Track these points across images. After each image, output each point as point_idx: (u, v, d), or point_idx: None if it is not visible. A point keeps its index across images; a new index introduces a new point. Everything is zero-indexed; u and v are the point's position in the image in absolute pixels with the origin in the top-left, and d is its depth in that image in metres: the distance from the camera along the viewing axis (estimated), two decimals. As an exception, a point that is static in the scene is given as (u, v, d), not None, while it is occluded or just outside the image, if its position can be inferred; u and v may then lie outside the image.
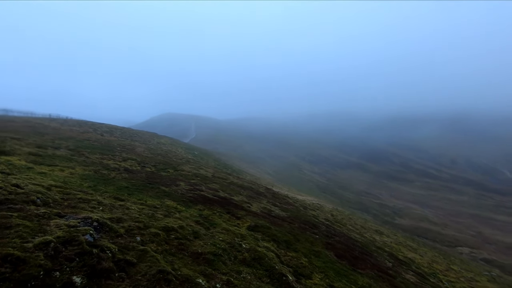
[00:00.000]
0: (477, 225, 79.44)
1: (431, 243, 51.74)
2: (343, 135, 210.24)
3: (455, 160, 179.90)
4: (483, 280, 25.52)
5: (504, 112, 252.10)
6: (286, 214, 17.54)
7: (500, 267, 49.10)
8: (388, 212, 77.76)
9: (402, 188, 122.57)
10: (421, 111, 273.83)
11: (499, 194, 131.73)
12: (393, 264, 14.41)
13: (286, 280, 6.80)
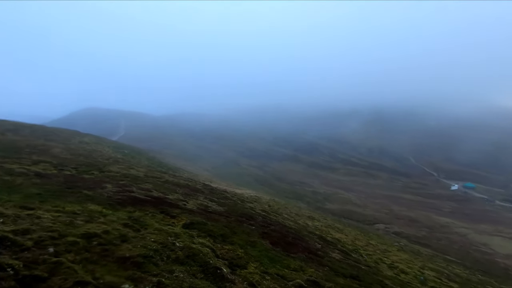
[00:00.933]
0: (389, 204, 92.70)
1: (355, 223, 58.38)
2: (279, 129, 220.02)
3: (371, 150, 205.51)
4: (394, 250, 29.98)
5: (409, 107, 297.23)
6: (224, 208, 17.64)
7: (407, 238, 58.42)
8: (319, 199, 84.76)
9: (331, 176, 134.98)
10: (346, 107, 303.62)
11: (405, 177, 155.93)
12: (322, 246, 15.83)
13: (221, 273, 6.88)
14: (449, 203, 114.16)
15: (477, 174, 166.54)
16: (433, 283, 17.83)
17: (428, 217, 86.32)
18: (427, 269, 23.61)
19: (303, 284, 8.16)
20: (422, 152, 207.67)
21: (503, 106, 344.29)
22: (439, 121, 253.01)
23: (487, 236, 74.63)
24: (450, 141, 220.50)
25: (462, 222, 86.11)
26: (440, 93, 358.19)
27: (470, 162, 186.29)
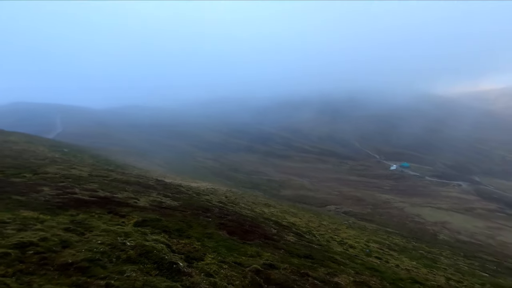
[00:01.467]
0: (338, 186, 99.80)
1: (308, 206, 61.73)
2: (235, 121, 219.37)
3: (322, 137, 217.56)
4: (343, 228, 32.50)
5: (354, 96, 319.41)
6: (178, 203, 17.22)
7: (354, 216, 63.75)
8: (275, 186, 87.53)
9: (285, 164, 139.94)
10: (298, 97, 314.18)
11: (352, 160, 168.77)
12: (278, 230, 16.48)
13: (177, 267, 6.77)
14: (388, 182, 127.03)
15: (411, 155, 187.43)
16: (376, 254, 19.84)
17: (372, 195, 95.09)
18: (372, 242, 26.17)
19: (259, 268, 8.45)
20: (366, 137, 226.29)
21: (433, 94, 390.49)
22: (380, 109, 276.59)
23: (419, 208, 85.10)
24: (389, 127, 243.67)
25: (399, 197, 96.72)
26: (381, 83, 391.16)
27: (405, 144, 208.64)
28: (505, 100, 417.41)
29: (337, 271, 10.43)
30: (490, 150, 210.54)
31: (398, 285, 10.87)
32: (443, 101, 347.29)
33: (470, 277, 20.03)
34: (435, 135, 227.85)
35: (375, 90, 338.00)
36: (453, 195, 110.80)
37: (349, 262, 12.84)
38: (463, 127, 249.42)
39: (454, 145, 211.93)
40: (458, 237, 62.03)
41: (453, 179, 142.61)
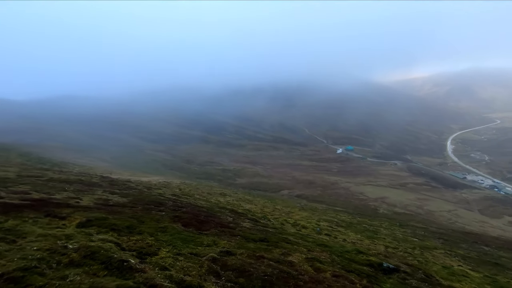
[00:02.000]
0: (291, 171, 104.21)
1: (263, 192, 63.46)
2: (187, 111, 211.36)
3: (273, 125, 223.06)
4: (296, 210, 34.22)
5: (303, 84, 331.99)
6: (128, 199, 16.28)
7: (306, 198, 67.49)
8: (230, 175, 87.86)
9: (239, 153, 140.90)
10: (250, 86, 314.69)
11: (302, 146, 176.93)
12: (234, 218, 16.67)
13: (128, 264, 6.46)
14: (336, 164, 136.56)
15: (355, 139, 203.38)
16: (326, 231, 21.40)
17: (321, 178, 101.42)
18: (322, 221, 28.09)
19: (216, 256, 8.50)
20: (314, 124, 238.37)
21: (372, 82, 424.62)
22: (327, 96, 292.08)
23: (362, 186, 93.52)
24: (336, 113, 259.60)
25: (345, 178, 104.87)
26: (328, 72, 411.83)
27: (350, 129, 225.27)
28: (429, 87, 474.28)
29: (291, 250, 11.01)
30: (418, 131, 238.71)
31: (345, 257, 11.91)
32: (381, 88, 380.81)
33: (404, 243, 22.86)
34: (374, 119, 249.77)
35: (322, 79, 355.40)
36: (390, 173, 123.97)
37: (301, 242, 13.63)
38: (396, 111, 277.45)
39: (390, 128, 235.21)
40: (394, 210, 69.97)
41: (389, 158, 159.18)
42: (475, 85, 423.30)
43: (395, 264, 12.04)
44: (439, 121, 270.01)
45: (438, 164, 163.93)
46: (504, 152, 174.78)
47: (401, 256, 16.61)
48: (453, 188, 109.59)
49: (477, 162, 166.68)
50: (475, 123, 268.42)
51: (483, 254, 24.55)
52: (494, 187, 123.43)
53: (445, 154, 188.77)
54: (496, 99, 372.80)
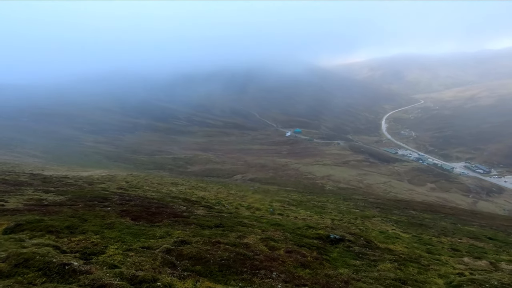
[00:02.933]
0: (243, 156, 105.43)
1: (216, 179, 63.31)
2: (130, 98, 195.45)
3: (224, 110, 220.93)
4: (250, 193, 34.95)
5: (253, 69, 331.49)
6: (66, 197, 14.77)
7: (259, 181, 69.26)
8: (181, 164, 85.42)
9: (189, 140, 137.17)
10: (200, 72, 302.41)
11: (253, 131, 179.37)
12: (187, 207, 16.36)
13: (70, 267, 5.91)
14: (285, 147, 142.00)
15: (302, 121, 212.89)
16: (279, 211, 22.36)
17: (273, 160, 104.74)
18: (275, 201, 29.23)
19: (170, 247, 8.28)
20: (264, 108, 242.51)
21: (318, 66, 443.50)
22: (276, 81, 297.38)
23: (310, 166, 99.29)
24: (284, 97, 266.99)
25: (295, 160, 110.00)
26: (278, 58, 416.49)
27: (297, 112, 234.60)
28: (366, 71, 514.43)
29: (246, 233, 11.27)
30: (358, 112, 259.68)
31: (296, 233, 12.64)
32: (325, 73, 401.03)
33: (347, 215, 25.10)
34: (319, 102, 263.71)
35: (272, 65, 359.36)
36: (334, 152, 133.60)
37: (256, 223, 14.03)
38: (339, 94, 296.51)
39: (333, 110, 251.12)
40: (339, 186, 76.08)
41: (333, 139, 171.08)
42: (404, 69, 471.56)
43: (340, 235, 13.18)
44: (375, 102, 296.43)
45: (375, 141, 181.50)
46: (427, 129, 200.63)
47: (345, 226, 18.25)
48: (387, 162, 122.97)
49: (406, 138, 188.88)
50: (404, 104, 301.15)
51: (411, 218, 28.31)
52: (419, 159, 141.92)
53: (380, 132, 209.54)
54: (420, 82, 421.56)
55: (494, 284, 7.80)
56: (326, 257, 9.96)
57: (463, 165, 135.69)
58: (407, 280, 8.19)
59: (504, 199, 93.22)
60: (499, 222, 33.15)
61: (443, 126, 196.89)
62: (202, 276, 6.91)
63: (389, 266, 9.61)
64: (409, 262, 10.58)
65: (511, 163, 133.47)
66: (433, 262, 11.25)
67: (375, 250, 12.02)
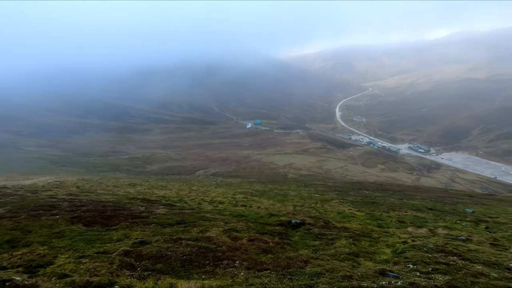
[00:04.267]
0: (204, 151, 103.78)
1: (178, 176, 61.63)
2: (76, 96, 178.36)
3: (181, 105, 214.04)
4: (212, 188, 34.70)
5: (211, 63, 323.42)
6: (4, 209, 13.30)
7: (222, 175, 68.95)
8: (139, 164, 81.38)
9: (146, 138, 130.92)
10: (154, 66, 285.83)
11: (213, 125, 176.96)
12: (146, 207, 15.76)
13: (12, 283, 5.41)
14: (247, 139, 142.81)
15: (262, 113, 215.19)
16: (242, 202, 22.61)
17: (234, 153, 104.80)
18: (238, 193, 29.43)
19: (128, 249, 7.97)
20: (223, 101, 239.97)
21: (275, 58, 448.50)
22: (234, 74, 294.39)
23: (272, 156, 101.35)
24: (243, 89, 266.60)
25: (257, 151, 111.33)
26: (235, 50, 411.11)
27: (256, 104, 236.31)
28: (319, 62, 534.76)
29: (209, 227, 11.25)
30: (314, 102, 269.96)
31: (259, 222, 12.96)
32: (282, 64, 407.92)
33: (308, 200, 26.29)
34: (277, 94, 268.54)
35: (230, 57, 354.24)
36: (294, 141, 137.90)
37: (219, 216, 14.05)
38: (296, 85, 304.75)
39: (291, 100, 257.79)
40: (300, 173, 78.92)
41: (293, 128, 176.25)
42: (353, 60, 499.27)
43: (301, 219, 13.81)
44: (329, 91, 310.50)
45: (331, 129, 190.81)
46: (375, 114, 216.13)
47: (306, 211, 19.13)
48: (342, 148, 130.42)
49: (358, 124, 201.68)
50: (355, 92, 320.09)
51: (365, 197, 30.61)
52: (370, 143, 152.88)
53: (335, 120, 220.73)
54: (368, 71, 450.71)
55: (431, 247, 8.86)
56: (288, 241, 10.39)
57: (407, 146, 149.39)
58: (360, 253, 8.92)
59: (441, 173, 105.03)
60: (437, 194, 37.33)
61: (389, 111, 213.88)
62: (164, 274, 6.79)
63: (344, 242, 10.36)
64: (362, 237, 11.51)
65: (446, 142, 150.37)
66: (383, 235, 12.37)
67: (333, 229, 12.83)
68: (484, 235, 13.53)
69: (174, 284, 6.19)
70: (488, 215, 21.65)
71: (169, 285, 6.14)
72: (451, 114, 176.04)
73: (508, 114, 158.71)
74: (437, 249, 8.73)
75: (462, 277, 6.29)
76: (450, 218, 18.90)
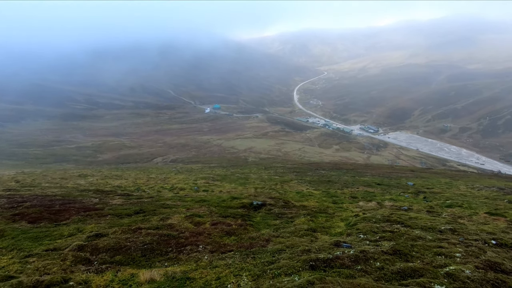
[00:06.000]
0: (161, 137, 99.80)
1: (134, 164, 58.77)
2: (9, 79, 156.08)
3: (133, 88, 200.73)
4: (172, 175, 33.81)
5: (165, 42, 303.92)
6: None
7: (182, 161, 67.39)
8: (89, 153, 75.61)
9: (96, 125, 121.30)
10: (100, 45, 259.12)
11: (169, 109, 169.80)
12: (100, 198, 14.86)
13: None
14: (206, 124, 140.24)
15: (220, 97, 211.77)
16: (204, 188, 22.47)
17: (194, 139, 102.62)
18: (199, 179, 29.12)
19: (82, 243, 7.52)
20: (179, 84, 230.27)
21: (232, 40, 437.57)
22: (190, 55, 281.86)
23: (232, 141, 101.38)
24: (200, 72, 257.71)
25: (217, 136, 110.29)
26: (190, 31, 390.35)
27: (215, 88, 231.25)
28: (277, 45, 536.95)
29: (170, 214, 11.04)
30: (272, 85, 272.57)
31: (221, 206, 13.05)
32: (239, 46, 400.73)
33: (269, 182, 27.05)
34: (236, 77, 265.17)
35: (185, 38, 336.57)
36: (254, 125, 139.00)
37: (180, 203, 13.83)
38: (254, 68, 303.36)
39: (249, 84, 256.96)
40: (260, 156, 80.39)
41: (252, 112, 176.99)
42: (309, 43, 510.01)
43: (262, 200, 14.21)
44: (287, 75, 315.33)
45: (289, 112, 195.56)
46: (330, 97, 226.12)
47: (267, 193, 19.71)
48: (300, 130, 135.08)
49: (315, 107, 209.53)
50: (311, 75, 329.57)
51: (321, 177, 32.43)
52: (326, 125, 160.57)
53: (293, 103, 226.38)
54: (323, 55, 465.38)
55: (378, 218, 9.81)
56: (250, 222, 10.67)
57: (359, 127, 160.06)
58: (317, 228, 9.54)
59: (388, 151, 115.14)
60: (384, 170, 41.00)
61: (343, 94, 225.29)
62: (124, 265, 6.57)
63: (303, 220, 10.96)
64: (319, 213, 12.27)
65: (392, 122, 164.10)
66: (337, 210, 13.33)
67: (292, 208, 13.46)
68: (422, 204, 15.32)
69: (135, 274, 6.03)
70: (425, 186, 24.49)
71: (130, 275, 5.98)
72: (396, 97, 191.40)
73: (442, 96, 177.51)
74: (383, 219, 9.70)
75: (403, 241, 7.12)
76: (395, 191, 20.99)
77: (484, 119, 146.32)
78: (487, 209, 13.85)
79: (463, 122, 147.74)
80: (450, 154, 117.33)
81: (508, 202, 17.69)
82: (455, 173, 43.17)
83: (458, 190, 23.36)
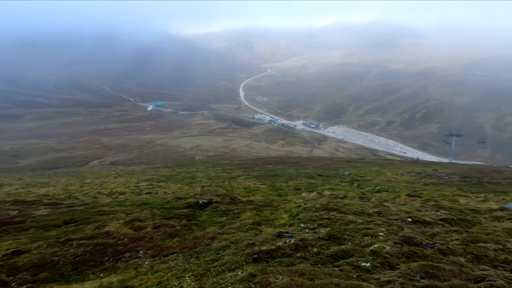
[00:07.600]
0: (97, 138, 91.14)
1: (64, 169, 52.64)
2: None
3: (60, 85, 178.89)
4: (111, 179, 31.24)
5: (102, 34, 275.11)
6: None
7: (122, 163, 62.60)
8: (6, 158, 65.23)
9: (14, 126, 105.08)
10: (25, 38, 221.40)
11: (106, 107, 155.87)
12: (20, 210, 13.01)
13: None
14: (149, 122, 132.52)
15: (163, 93, 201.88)
16: (147, 190, 21.26)
17: (136, 138, 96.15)
18: (142, 181, 27.46)
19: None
20: (117, 80, 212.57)
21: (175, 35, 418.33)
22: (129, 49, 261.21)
23: (178, 139, 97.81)
24: (140, 68, 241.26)
25: (161, 134, 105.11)
26: (130, 24, 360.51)
27: (157, 84, 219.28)
28: (222, 41, 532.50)
29: (107, 221, 10.22)
30: (217, 82, 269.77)
31: (165, 208, 12.54)
32: (182, 41, 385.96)
33: (216, 179, 26.86)
34: (179, 73, 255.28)
35: (124, 31, 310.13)
36: (200, 122, 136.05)
37: (119, 208, 12.89)
38: (198, 63, 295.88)
39: (194, 80, 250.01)
40: (208, 154, 79.14)
41: (198, 109, 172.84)
42: (253, 40, 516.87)
43: (208, 198, 14.06)
44: (232, 71, 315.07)
45: (235, 109, 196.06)
46: (274, 94, 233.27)
47: (214, 190, 19.55)
48: (247, 126, 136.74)
49: (260, 103, 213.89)
50: (256, 72, 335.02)
51: (268, 171, 33.39)
52: (271, 121, 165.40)
53: (239, 100, 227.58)
54: (267, 52, 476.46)
55: (318, 207, 10.54)
56: (196, 221, 10.48)
57: (302, 123, 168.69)
58: (262, 222, 9.84)
59: (328, 145, 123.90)
60: (324, 162, 44.05)
61: (286, 91, 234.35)
62: (50, 283, 5.88)
63: (249, 214, 11.18)
64: (264, 207, 12.66)
65: (330, 117, 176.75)
66: (282, 202, 13.91)
67: (239, 204, 13.61)
68: (356, 191, 16.91)
69: (64, 290, 5.47)
70: (359, 175, 27.05)
71: (58, 293, 5.39)
72: (334, 93, 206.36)
73: (372, 93, 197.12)
74: (322, 208, 10.45)
75: (338, 227, 7.78)
76: (334, 181, 22.74)
77: (405, 113, 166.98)
78: (407, 192, 15.94)
79: (389, 116, 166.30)
80: (379, 145, 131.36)
81: (424, 185, 20.64)
82: (383, 162, 48.60)
83: (386, 176, 26.38)
